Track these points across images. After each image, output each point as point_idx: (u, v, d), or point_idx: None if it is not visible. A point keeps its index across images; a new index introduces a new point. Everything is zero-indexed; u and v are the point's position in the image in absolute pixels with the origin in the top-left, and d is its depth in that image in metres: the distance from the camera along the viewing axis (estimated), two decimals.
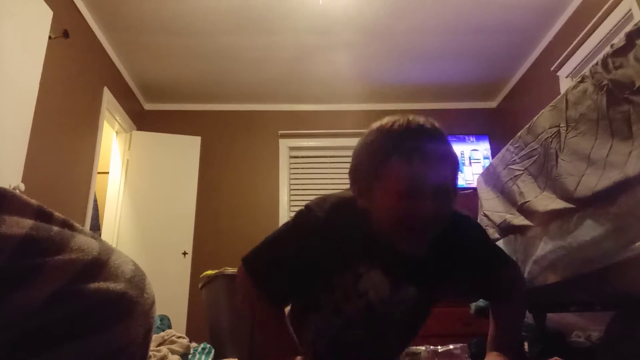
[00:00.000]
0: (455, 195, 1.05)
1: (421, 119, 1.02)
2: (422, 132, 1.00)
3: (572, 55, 3.26)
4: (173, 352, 2.06)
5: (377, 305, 1.16)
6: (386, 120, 1.04)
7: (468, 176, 4.19)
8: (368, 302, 1.15)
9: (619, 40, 1.19)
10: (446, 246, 1.11)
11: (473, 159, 4.28)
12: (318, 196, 1.18)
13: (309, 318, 1.24)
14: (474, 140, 4.34)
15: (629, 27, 1.62)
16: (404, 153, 0.98)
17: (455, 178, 1.04)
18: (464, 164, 4.25)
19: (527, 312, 1.93)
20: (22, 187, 2.23)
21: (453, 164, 1.03)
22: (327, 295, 1.18)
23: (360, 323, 1.18)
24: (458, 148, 4.28)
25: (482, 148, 4.31)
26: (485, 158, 4.26)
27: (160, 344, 2.11)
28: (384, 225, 1.05)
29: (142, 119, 4.45)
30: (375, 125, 1.06)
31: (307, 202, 1.17)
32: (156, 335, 2.19)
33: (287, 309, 1.32)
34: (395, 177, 0.99)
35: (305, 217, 1.12)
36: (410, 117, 1.02)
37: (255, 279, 1.15)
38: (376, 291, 1.15)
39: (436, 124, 1.03)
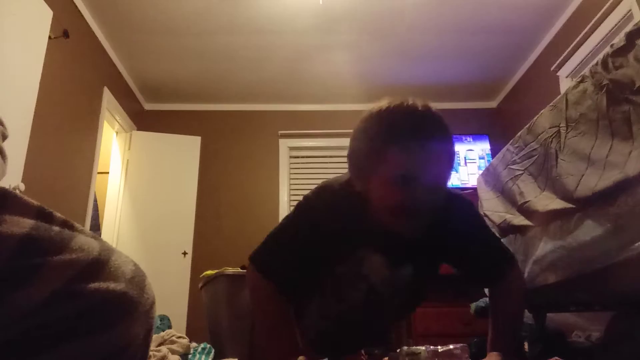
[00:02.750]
0: (450, 178, 1.07)
1: (419, 103, 1.01)
2: (419, 119, 1.00)
3: (572, 55, 3.26)
4: (173, 352, 2.06)
5: (378, 286, 1.19)
6: (384, 105, 1.03)
7: (463, 176, 4.19)
8: (369, 285, 1.19)
9: (619, 40, 1.18)
10: (439, 225, 1.12)
11: (468, 159, 4.28)
12: (317, 185, 1.20)
13: (312, 303, 1.26)
14: (471, 140, 4.34)
15: (629, 27, 1.62)
16: (400, 142, 0.98)
17: (451, 163, 1.05)
18: (459, 164, 4.25)
19: (526, 312, 1.93)
20: (22, 187, 2.23)
21: (449, 151, 1.03)
22: (330, 280, 1.20)
23: (360, 307, 1.22)
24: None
25: (479, 148, 4.31)
26: (480, 158, 4.26)
27: (160, 344, 2.11)
28: (380, 209, 1.07)
29: (142, 119, 4.45)
30: (374, 109, 1.05)
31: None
32: (156, 335, 2.19)
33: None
34: (392, 166, 1.00)
35: (304, 208, 1.16)
36: (408, 102, 1.01)
37: (263, 272, 1.17)
38: (376, 273, 1.18)
39: (432, 108, 1.02)
